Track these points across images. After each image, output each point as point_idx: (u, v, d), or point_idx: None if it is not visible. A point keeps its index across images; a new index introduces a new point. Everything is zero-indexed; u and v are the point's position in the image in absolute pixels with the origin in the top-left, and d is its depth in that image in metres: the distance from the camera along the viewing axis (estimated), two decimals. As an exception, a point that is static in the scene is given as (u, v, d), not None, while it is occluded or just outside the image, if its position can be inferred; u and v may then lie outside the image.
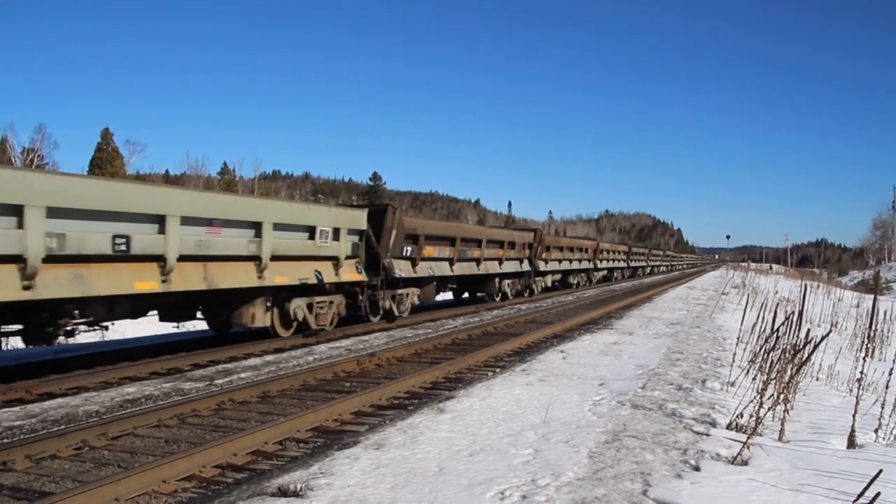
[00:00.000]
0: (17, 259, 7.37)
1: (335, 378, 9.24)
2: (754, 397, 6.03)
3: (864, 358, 6.67)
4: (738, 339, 9.84)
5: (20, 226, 7.37)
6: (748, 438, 5.41)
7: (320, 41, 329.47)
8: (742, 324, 10.14)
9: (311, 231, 12.19)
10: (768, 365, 6.75)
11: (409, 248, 15.81)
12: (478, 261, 19.82)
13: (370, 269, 14.08)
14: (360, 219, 13.76)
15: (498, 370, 9.49)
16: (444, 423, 6.28)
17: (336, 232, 12.79)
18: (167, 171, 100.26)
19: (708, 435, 5.93)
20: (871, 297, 8.20)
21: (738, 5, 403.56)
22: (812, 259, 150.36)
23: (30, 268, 7.42)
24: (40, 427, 6.54)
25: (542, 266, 25.51)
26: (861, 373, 6.41)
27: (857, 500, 3.75)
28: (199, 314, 11.69)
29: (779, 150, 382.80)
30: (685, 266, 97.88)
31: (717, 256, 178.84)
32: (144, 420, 6.65)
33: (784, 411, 6.08)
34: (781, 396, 6.04)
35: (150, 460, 5.36)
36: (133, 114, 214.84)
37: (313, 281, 12.22)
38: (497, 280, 21.98)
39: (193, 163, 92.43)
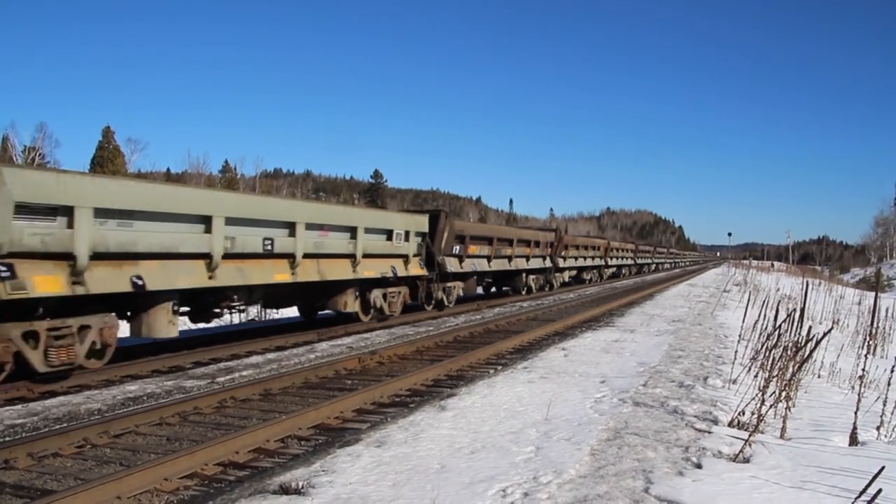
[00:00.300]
0: (205, 256, 9.65)
1: (337, 376, 9.24)
2: (756, 395, 6.03)
3: (865, 355, 6.67)
4: (739, 336, 9.82)
5: (208, 231, 9.64)
6: (750, 436, 5.41)
7: (321, 39, 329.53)
8: (744, 321, 10.13)
9: (388, 234, 14.60)
10: (770, 362, 6.74)
11: (458, 247, 18.20)
12: (510, 258, 22.40)
13: (426, 266, 16.32)
14: (423, 223, 16.22)
15: (500, 368, 9.49)
16: (445, 420, 6.28)
17: (406, 234, 15.19)
18: (168, 170, 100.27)
19: (710, 432, 5.92)
20: (873, 294, 8.20)
21: (740, 2, 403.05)
22: (814, 256, 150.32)
23: (214, 263, 9.71)
24: (42, 425, 6.54)
25: (560, 263, 27.83)
26: (863, 370, 6.41)
27: (859, 497, 3.74)
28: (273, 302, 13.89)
29: (780, 147, 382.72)
30: (688, 263, 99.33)
31: (718, 254, 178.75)
32: (146, 418, 6.65)
33: (786, 409, 6.08)
34: (783, 394, 6.04)
35: (151, 458, 5.37)
36: (134, 112, 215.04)
37: (390, 275, 14.60)
38: (524, 275, 24.85)
39: (195, 161, 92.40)
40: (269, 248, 10.96)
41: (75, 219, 7.86)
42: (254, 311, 16.40)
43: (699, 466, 4.96)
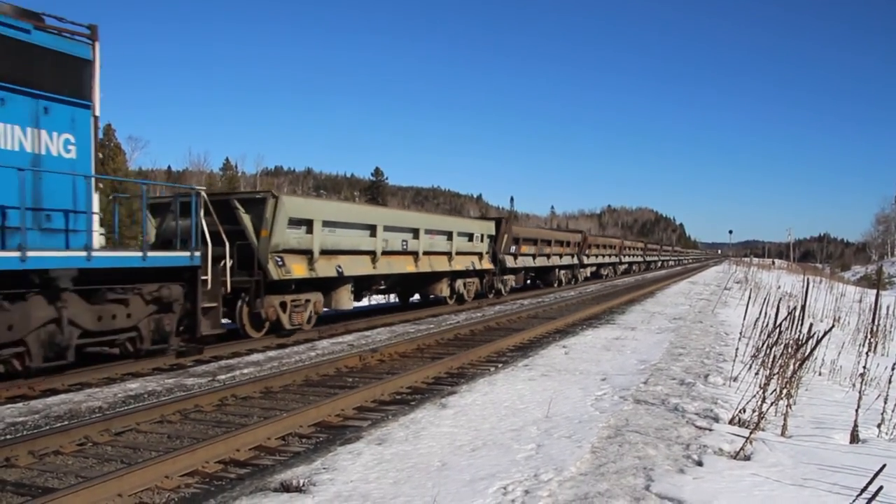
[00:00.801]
0: (371, 253, 14.40)
1: (337, 373, 9.24)
2: (757, 392, 6.02)
3: (866, 353, 6.66)
4: (740, 333, 9.81)
5: (373, 235, 14.37)
6: (751, 433, 5.40)
7: (321, 37, 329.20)
8: (744, 319, 10.13)
9: (470, 236, 19.45)
10: (771, 360, 6.74)
11: (513, 247, 23.13)
12: (548, 256, 27.44)
13: (492, 262, 21.12)
14: (491, 227, 21.24)
15: (500, 365, 9.49)
16: (446, 418, 6.28)
17: (481, 237, 20.12)
18: (169, 167, 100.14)
19: (710, 430, 5.92)
20: (874, 292, 8.19)
21: (740, 1, 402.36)
22: (815, 254, 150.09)
23: (376, 257, 14.40)
24: (43, 423, 6.55)
25: (585, 260, 32.59)
26: (864, 368, 6.39)
27: (860, 494, 3.74)
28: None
29: (781, 145, 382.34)
30: (690, 260, 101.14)
31: (719, 251, 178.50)
32: (147, 416, 6.65)
33: (787, 406, 6.07)
34: (784, 391, 6.03)
35: (152, 456, 5.37)
36: (135, 110, 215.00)
37: (472, 268, 19.61)
38: (557, 270, 29.92)
39: (195, 159, 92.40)
40: (405, 247, 15.79)
41: (313, 228, 12.51)
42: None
43: (700, 464, 4.95)
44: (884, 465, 3.81)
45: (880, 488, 3.58)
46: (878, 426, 6.17)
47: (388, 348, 10.77)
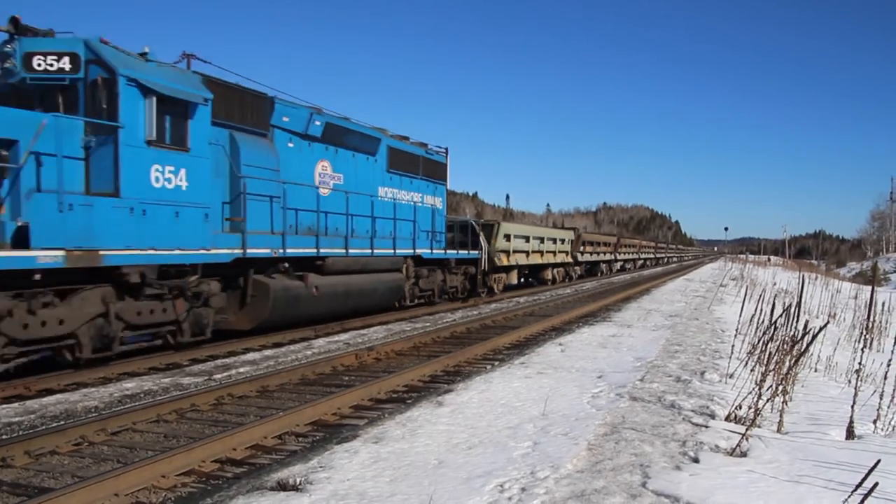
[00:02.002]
0: (526, 251, 26.03)
1: (334, 372, 9.23)
2: (753, 389, 6.03)
3: (862, 349, 6.68)
4: (736, 330, 9.84)
5: (527, 241, 26.31)
6: (747, 430, 5.42)
7: (317, 36, 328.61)
8: (740, 315, 10.14)
9: (563, 241, 31.75)
10: (767, 356, 6.76)
11: (581, 247, 35.42)
12: (599, 253, 39.95)
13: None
14: (571, 234, 33.88)
15: (497, 363, 9.49)
16: (442, 416, 6.28)
17: (563, 240, 31.75)
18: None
19: (707, 427, 5.93)
20: (870, 288, 8.20)
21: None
22: (810, 251, 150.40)
23: (530, 254, 26.28)
24: (39, 423, 6.53)
25: (579, 257, 35.92)
26: (859, 364, 6.41)
27: (855, 490, 3.75)
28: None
29: (777, 143, 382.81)
30: (689, 257, 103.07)
31: (715, 249, 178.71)
32: (143, 415, 6.64)
33: (783, 402, 6.09)
34: (780, 388, 6.05)
35: (149, 455, 5.36)
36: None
37: (563, 261, 31.80)
38: (601, 264, 41.59)
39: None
40: (535, 248, 27.12)
41: (511, 238, 24.11)
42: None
43: (696, 461, 4.96)
44: (878, 461, 3.83)
45: (876, 484, 3.59)
46: (874, 422, 6.19)
47: (384, 346, 10.77)
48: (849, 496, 3.81)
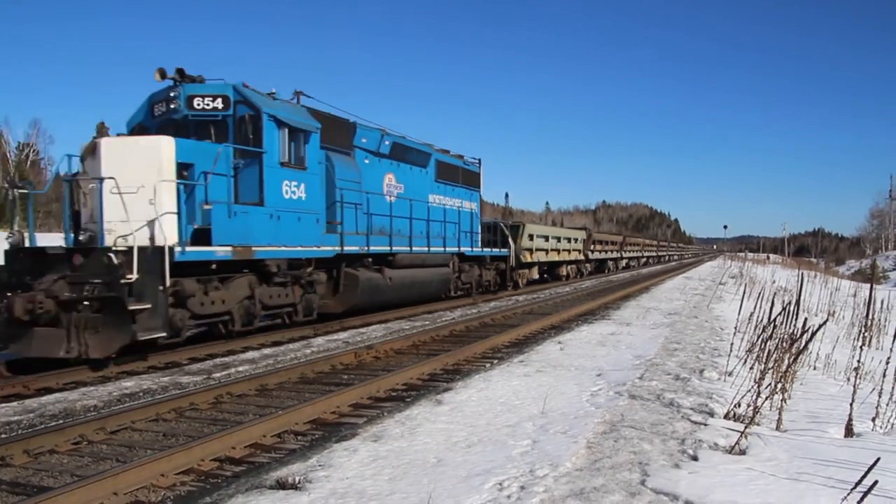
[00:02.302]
0: (545, 250, 29.49)
1: (333, 371, 9.23)
2: (752, 387, 6.03)
3: (861, 347, 6.68)
4: (735, 328, 9.85)
5: (547, 241, 29.80)
6: (746, 428, 5.41)
7: (315, 35, 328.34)
8: (739, 314, 10.15)
9: (577, 240, 35.19)
10: (765, 354, 6.75)
11: (592, 246, 38.19)
12: (605, 251, 42.47)
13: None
14: (583, 233, 37.40)
15: (496, 362, 9.49)
16: (442, 414, 6.28)
17: (577, 239, 34.90)
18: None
19: (706, 424, 5.93)
20: (868, 286, 8.20)
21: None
22: (809, 248, 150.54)
23: (548, 252, 29.75)
24: (38, 422, 6.53)
25: (590, 255, 38.62)
26: (858, 361, 6.40)
27: (854, 488, 3.75)
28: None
29: (776, 140, 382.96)
30: (689, 255, 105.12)
31: (714, 247, 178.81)
32: (142, 414, 6.64)
33: (781, 400, 6.09)
34: (779, 386, 6.04)
35: (148, 454, 5.36)
36: (128, 108, 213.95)
37: (576, 258, 34.93)
38: (608, 261, 44.03)
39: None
40: (553, 247, 30.38)
41: (534, 238, 27.43)
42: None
43: (695, 459, 4.96)
44: (878, 459, 3.83)
45: (875, 482, 3.59)
46: (873, 420, 6.19)
47: (383, 345, 10.77)
48: (848, 494, 3.81)
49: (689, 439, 5.47)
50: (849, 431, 5.86)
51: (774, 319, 7.34)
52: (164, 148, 9.64)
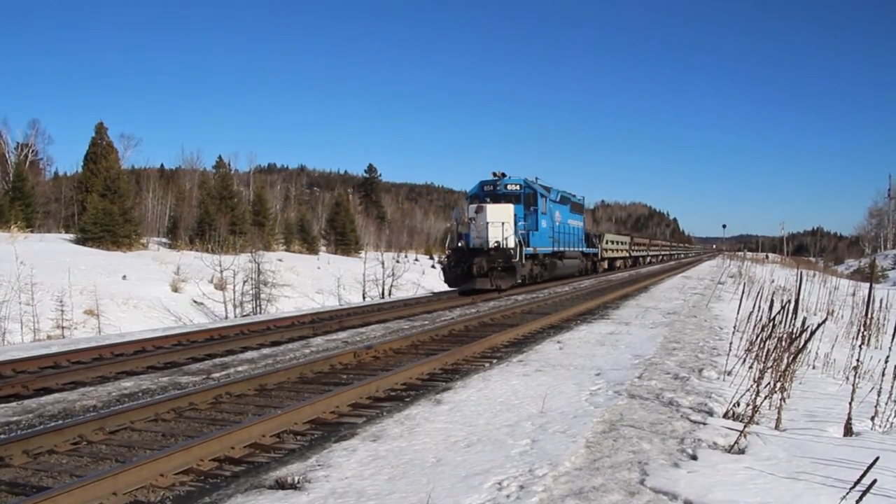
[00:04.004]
0: (611, 249, 44.53)
1: (332, 370, 9.23)
2: (751, 386, 6.04)
3: (860, 346, 6.68)
4: (734, 328, 9.84)
5: (611, 243, 44.77)
6: (745, 427, 5.42)
7: (314, 34, 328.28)
8: (738, 313, 10.15)
9: (624, 242, 50.73)
10: (764, 353, 6.75)
11: (632, 246, 53.26)
12: (634, 250, 55.28)
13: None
14: (628, 238, 53.89)
15: (495, 361, 9.50)
16: (441, 414, 6.29)
17: (624, 242, 50.03)
18: (162, 165, 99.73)
19: (705, 424, 5.94)
20: (867, 285, 8.21)
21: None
22: (808, 248, 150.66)
23: (612, 251, 45.24)
24: (37, 422, 6.53)
25: (631, 253, 52.65)
26: (857, 360, 6.41)
27: (853, 487, 3.76)
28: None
29: (774, 139, 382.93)
30: (692, 255, 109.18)
31: (713, 246, 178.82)
32: (142, 414, 6.63)
33: (780, 399, 6.09)
34: (778, 385, 6.05)
35: (147, 454, 5.36)
36: (127, 108, 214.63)
37: (623, 255, 49.05)
38: (640, 258, 58.72)
39: (188, 157, 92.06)
40: (615, 247, 44.86)
41: (607, 242, 42.61)
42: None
43: (694, 458, 4.97)
44: (877, 458, 3.83)
45: (874, 481, 3.59)
46: (872, 419, 6.20)
47: (382, 345, 10.76)
48: (847, 493, 3.82)
49: (689, 438, 5.48)
50: (848, 430, 5.87)
51: (773, 318, 7.34)
52: (510, 207, 22.83)
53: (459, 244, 22.88)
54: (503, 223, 22.03)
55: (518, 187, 24.64)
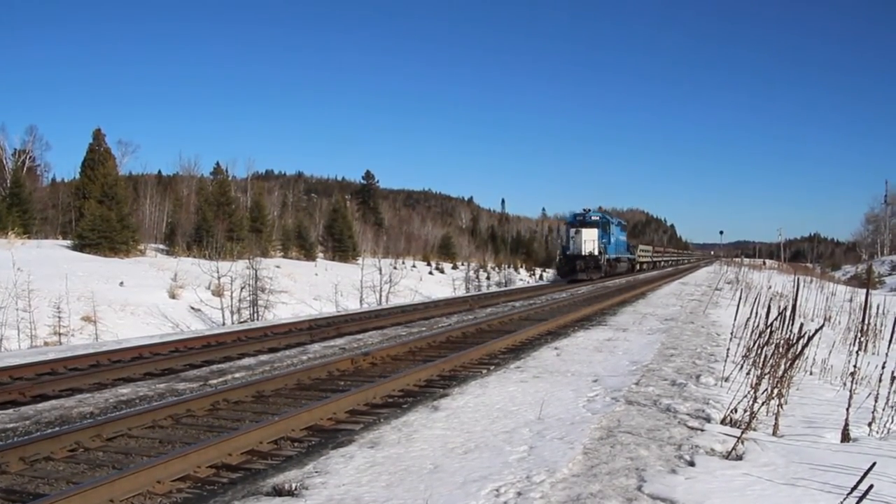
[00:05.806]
0: (647, 253, 68.33)
1: (329, 377, 9.22)
2: (748, 392, 6.05)
3: (857, 352, 6.68)
4: (731, 334, 9.84)
5: (648, 254, 68.95)
6: (742, 433, 5.43)
7: (311, 40, 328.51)
8: (735, 319, 10.17)
9: (648, 250, 70.23)
10: (762, 360, 6.76)
11: (653, 253, 72.52)
12: (657, 256, 76.60)
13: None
14: (651, 247, 75.83)
15: (492, 367, 9.50)
16: (438, 420, 6.28)
17: (649, 250, 69.51)
18: (160, 172, 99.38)
19: (702, 430, 5.94)
20: (864, 291, 8.22)
21: (729, 1, 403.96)
22: (805, 254, 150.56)
23: (653, 257, 70.87)
24: (34, 429, 6.52)
25: (660, 259, 74.58)
26: (854, 366, 6.41)
27: (851, 493, 3.76)
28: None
29: (771, 146, 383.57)
30: (692, 261, 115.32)
31: (711, 252, 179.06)
32: (139, 421, 6.62)
33: (778, 406, 6.10)
34: (775, 391, 6.06)
35: (144, 461, 5.34)
36: (125, 114, 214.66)
37: (648, 260, 66.83)
38: (658, 262, 73.85)
39: (186, 163, 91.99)
40: (644, 254, 63.14)
41: (640, 250, 61.64)
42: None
43: (692, 464, 4.97)
44: (874, 464, 3.84)
45: (871, 487, 3.60)
46: (869, 425, 6.20)
47: (379, 351, 10.75)
48: (844, 499, 3.82)
49: (686, 445, 5.48)
50: (845, 436, 5.87)
51: (771, 325, 7.36)
52: (595, 231, 40.76)
53: (567, 252, 40.98)
54: (593, 240, 39.84)
55: (598, 218, 42.03)
